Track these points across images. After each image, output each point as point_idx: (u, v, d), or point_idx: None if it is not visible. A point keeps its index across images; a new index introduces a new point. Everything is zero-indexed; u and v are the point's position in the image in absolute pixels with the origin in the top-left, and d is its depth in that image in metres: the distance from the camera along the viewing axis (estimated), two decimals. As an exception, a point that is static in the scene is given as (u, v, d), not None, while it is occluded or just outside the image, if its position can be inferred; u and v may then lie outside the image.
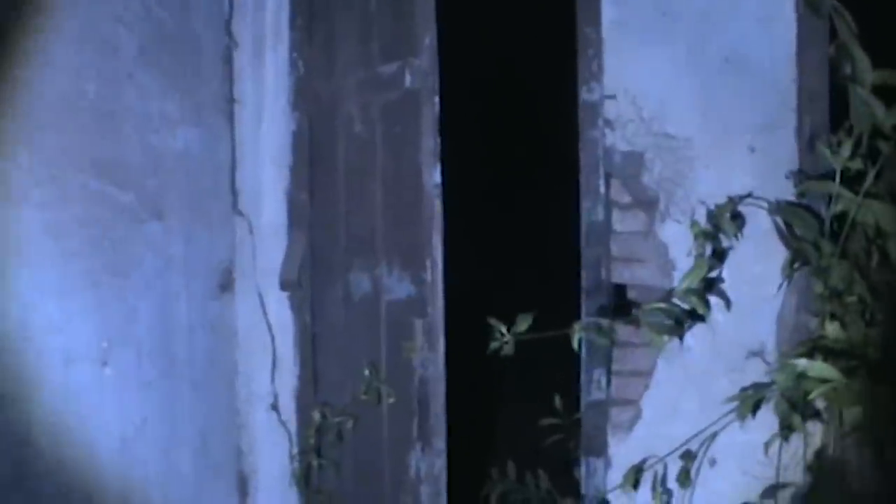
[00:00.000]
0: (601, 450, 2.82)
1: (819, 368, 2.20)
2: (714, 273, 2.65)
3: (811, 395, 2.22)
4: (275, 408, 3.43)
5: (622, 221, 2.81)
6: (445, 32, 3.04)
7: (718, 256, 2.65)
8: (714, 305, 2.65)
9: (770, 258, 2.63)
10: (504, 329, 2.64)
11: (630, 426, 2.80)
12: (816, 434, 2.52)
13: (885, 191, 2.40)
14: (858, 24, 2.36)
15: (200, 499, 3.23)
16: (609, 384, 2.81)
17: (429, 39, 2.99)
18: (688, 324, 2.64)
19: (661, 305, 2.58)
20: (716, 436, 2.61)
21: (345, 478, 3.31)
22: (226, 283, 3.39)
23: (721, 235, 2.62)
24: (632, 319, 2.66)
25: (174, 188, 3.09)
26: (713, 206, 2.65)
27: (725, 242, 2.64)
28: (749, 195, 2.62)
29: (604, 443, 2.82)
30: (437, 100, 2.98)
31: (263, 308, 3.43)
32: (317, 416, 3.27)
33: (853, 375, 2.27)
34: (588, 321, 2.69)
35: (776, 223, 2.63)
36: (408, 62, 3.02)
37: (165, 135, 3.06)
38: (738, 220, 2.64)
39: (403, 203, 3.08)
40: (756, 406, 2.51)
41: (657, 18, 2.75)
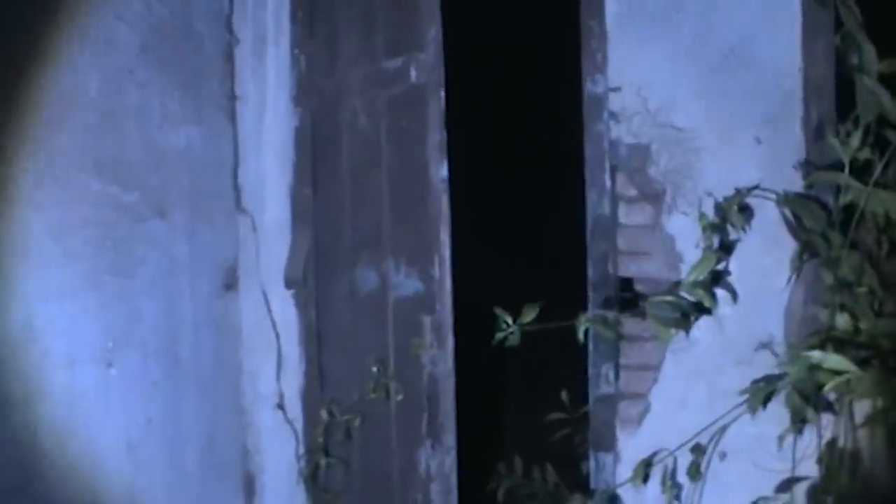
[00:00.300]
0: (610, 444, 2.81)
1: (833, 360, 2.18)
2: (721, 266, 2.63)
3: (826, 388, 2.20)
4: (280, 407, 3.41)
5: (628, 215, 2.79)
6: (449, 26, 3.02)
7: (726, 249, 2.63)
8: (721, 298, 2.63)
9: (778, 250, 2.62)
10: (510, 319, 2.62)
11: (639, 420, 2.79)
12: (828, 426, 2.50)
13: (894, 181, 2.38)
14: (863, 13, 2.34)
15: (206, 499, 3.23)
16: (617, 378, 2.80)
17: (434, 33, 2.98)
18: (694, 316, 2.62)
19: (668, 298, 2.56)
20: (725, 429, 2.59)
21: (353, 476, 3.29)
22: (230, 282, 3.38)
23: (729, 228, 2.60)
24: (638, 312, 2.65)
25: (177, 186, 3.08)
26: (720, 198, 2.62)
27: (733, 235, 2.62)
28: (757, 187, 2.60)
29: (612, 437, 2.81)
30: (443, 94, 2.97)
31: (268, 306, 3.42)
32: (324, 415, 3.25)
33: (866, 367, 2.26)
34: (594, 314, 2.68)
35: (784, 215, 2.61)
36: (413, 56, 3.01)
37: (167, 132, 3.05)
38: (746, 213, 2.62)
39: (410, 198, 3.06)
40: (767, 399, 2.49)
41: (661, 9, 2.74)
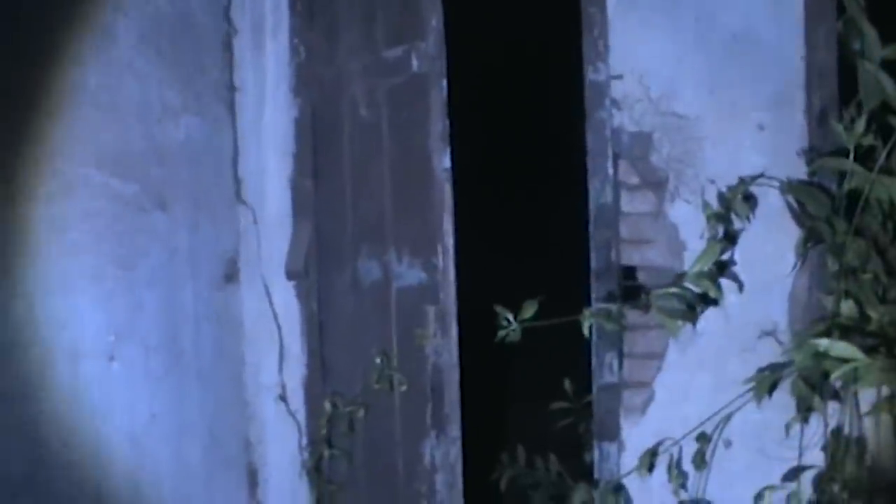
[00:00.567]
0: (614, 434, 2.81)
1: (840, 348, 2.18)
2: (726, 255, 2.63)
3: (834, 376, 2.19)
4: (283, 398, 3.40)
5: (631, 202, 2.78)
6: (450, 14, 2.99)
7: (730, 239, 2.62)
8: (725, 286, 2.63)
9: (781, 237, 2.62)
10: (510, 316, 2.60)
11: (643, 409, 2.79)
12: (834, 414, 2.50)
13: (898, 166, 2.38)
14: (865, -1, 2.34)
15: (210, 492, 3.22)
16: (621, 367, 2.79)
17: (435, 22, 2.95)
18: (700, 308, 2.61)
19: (674, 290, 2.56)
20: (730, 417, 2.58)
21: (357, 467, 3.29)
22: (231, 274, 3.36)
23: (733, 217, 2.60)
24: (641, 304, 2.64)
25: (177, 179, 3.07)
26: (723, 186, 2.62)
27: (738, 224, 2.62)
28: (761, 175, 2.60)
29: (617, 426, 2.80)
30: (445, 83, 2.95)
31: (269, 298, 3.40)
32: (328, 406, 3.24)
33: (873, 354, 2.25)
34: (598, 308, 2.67)
35: (788, 202, 2.60)
36: (414, 46, 2.98)
37: (167, 124, 3.03)
38: (751, 202, 2.61)
39: (412, 188, 3.05)
40: (773, 387, 2.49)
41: (663, -4, 2.73)
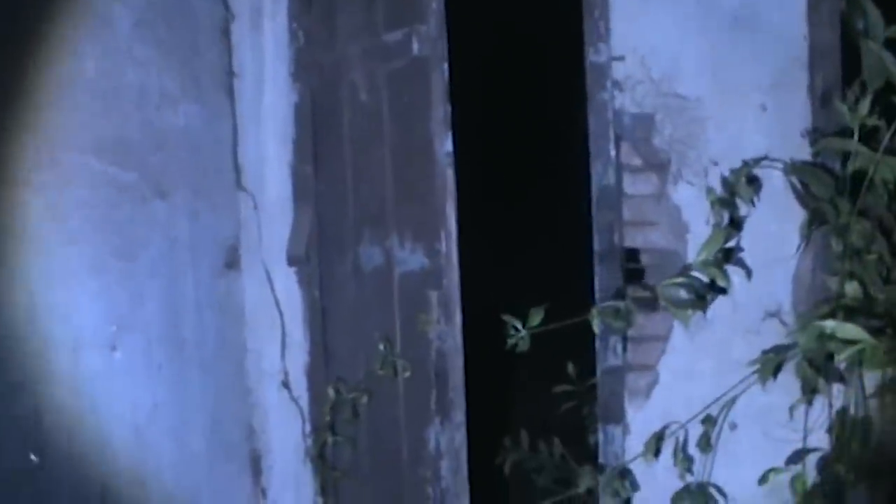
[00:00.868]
0: (619, 417, 2.80)
1: (846, 329, 2.17)
2: (732, 242, 2.61)
3: (840, 357, 2.18)
4: (286, 385, 3.40)
5: (633, 185, 2.77)
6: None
7: (735, 224, 2.61)
8: (730, 268, 2.62)
9: (785, 218, 2.60)
10: (519, 324, 2.60)
11: (647, 392, 2.78)
12: (839, 396, 2.50)
13: (903, 146, 2.37)
14: (869, -23, 2.32)
15: (214, 479, 3.22)
16: (625, 350, 2.78)
17: (436, 4, 2.92)
18: (710, 296, 2.60)
19: (680, 280, 2.55)
20: (735, 400, 2.58)
21: (361, 454, 3.29)
22: (232, 261, 3.35)
23: (738, 201, 2.58)
24: (646, 300, 2.63)
25: (177, 166, 3.05)
26: (726, 167, 2.61)
27: (743, 209, 2.61)
28: (765, 158, 2.58)
29: (621, 409, 2.80)
30: (446, 67, 2.92)
31: (271, 284, 3.40)
32: (331, 392, 3.24)
33: (878, 335, 2.24)
34: (604, 306, 2.65)
35: (791, 183, 2.59)
36: (414, 29, 2.96)
37: (166, 111, 3.01)
38: (755, 185, 2.60)
39: (414, 173, 3.03)
40: (777, 369, 2.48)
41: (664, -24, 2.71)
